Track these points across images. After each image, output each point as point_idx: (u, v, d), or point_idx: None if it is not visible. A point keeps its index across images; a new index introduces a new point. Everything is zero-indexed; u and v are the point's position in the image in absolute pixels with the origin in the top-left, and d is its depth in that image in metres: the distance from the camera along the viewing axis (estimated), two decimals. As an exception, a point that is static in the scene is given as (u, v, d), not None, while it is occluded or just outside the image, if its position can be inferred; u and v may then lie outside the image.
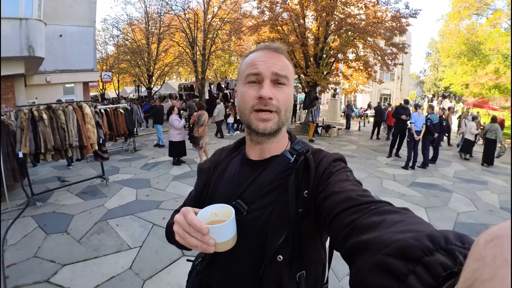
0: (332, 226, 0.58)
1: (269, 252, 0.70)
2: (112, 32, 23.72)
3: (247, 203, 0.77)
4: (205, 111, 7.13)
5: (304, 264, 0.74)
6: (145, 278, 2.89)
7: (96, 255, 3.27)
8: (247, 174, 0.83)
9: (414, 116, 7.83)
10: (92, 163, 7.11)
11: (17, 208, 4.53)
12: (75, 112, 4.98)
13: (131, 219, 4.25)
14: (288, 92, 0.79)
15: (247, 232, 0.73)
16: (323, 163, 0.75)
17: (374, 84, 25.15)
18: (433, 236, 0.35)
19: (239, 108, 0.82)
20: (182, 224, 0.63)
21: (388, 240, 0.39)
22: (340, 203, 0.58)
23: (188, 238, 0.62)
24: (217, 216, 0.71)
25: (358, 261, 0.43)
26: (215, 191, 0.87)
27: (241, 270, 0.78)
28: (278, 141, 0.83)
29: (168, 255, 3.28)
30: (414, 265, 0.33)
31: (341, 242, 0.52)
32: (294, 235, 0.71)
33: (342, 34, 12.29)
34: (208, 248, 0.62)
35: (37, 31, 7.71)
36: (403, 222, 0.44)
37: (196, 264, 0.97)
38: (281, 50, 0.80)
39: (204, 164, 0.97)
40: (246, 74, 0.78)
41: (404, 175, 7.15)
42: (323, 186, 0.69)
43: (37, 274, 2.90)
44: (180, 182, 5.99)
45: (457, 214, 4.79)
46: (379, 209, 0.51)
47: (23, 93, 10.14)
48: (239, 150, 0.95)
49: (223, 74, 24.55)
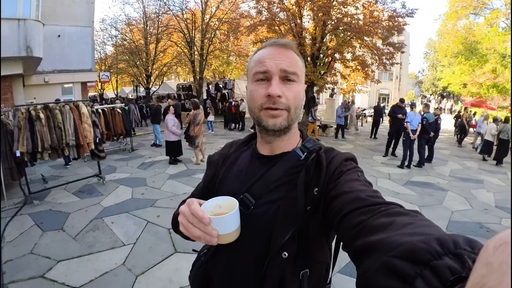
0: (340, 226, 0.57)
1: (274, 248, 0.70)
2: (110, 32, 23.76)
3: (254, 198, 0.76)
4: (200, 110, 7.18)
5: (308, 263, 0.73)
6: (138, 273, 2.95)
7: (90, 252, 3.33)
8: (256, 168, 0.83)
9: (410, 115, 7.84)
10: (89, 162, 7.15)
11: (14, 207, 4.58)
12: (71, 111, 5.03)
13: (126, 216, 4.30)
14: (297, 89, 0.77)
15: (253, 226, 0.73)
16: (334, 161, 0.74)
17: (373, 84, 25.17)
18: (442, 240, 0.35)
19: (248, 107, 0.81)
20: (186, 214, 0.63)
21: (397, 242, 0.39)
22: (350, 203, 0.58)
23: (191, 229, 0.62)
24: (221, 208, 0.71)
25: (366, 262, 0.44)
26: (223, 184, 0.87)
27: (244, 264, 0.78)
28: (289, 139, 0.83)
29: (160, 252, 3.35)
30: (422, 268, 0.33)
31: (349, 243, 0.52)
32: (301, 233, 0.70)
33: (339, 34, 12.30)
34: (211, 239, 0.62)
35: (35, 32, 7.76)
36: (413, 224, 0.44)
37: (201, 255, 0.97)
38: (290, 46, 0.79)
39: (214, 157, 0.97)
40: (254, 72, 0.78)
41: (399, 174, 7.18)
42: (333, 184, 0.69)
43: (33, 270, 2.96)
44: (175, 181, 6.04)
45: (451, 213, 4.81)
46: (388, 211, 0.51)
47: (21, 93, 10.19)
48: (250, 144, 0.94)
49: (221, 74, 24.57)
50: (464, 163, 8.86)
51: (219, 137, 12.12)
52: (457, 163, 8.89)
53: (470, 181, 6.82)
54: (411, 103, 11.00)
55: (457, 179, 6.92)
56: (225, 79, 21.26)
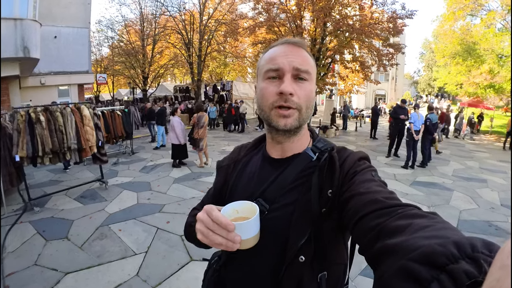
0: (356, 228, 0.56)
1: (290, 252, 0.68)
2: (107, 34, 23.50)
3: (268, 202, 0.75)
4: (204, 112, 7.06)
5: (326, 265, 0.71)
6: (154, 285, 2.79)
7: (100, 262, 3.16)
8: (268, 172, 0.81)
9: (413, 116, 7.89)
10: (90, 166, 6.96)
11: (14, 214, 4.39)
12: (73, 114, 4.86)
13: (133, 223, 4.13)
14: (309, 88, 0.75)
15: (268, 231, 0.71)
16: (348, 161, 0.72)
17: (369, 85, 25.31)
18: (459, 243, 0.34)
19: (258, 105, 0.78)
20: (206, 222, 0.61)
21: (414, 245, 0.38)
22: (366, 205, 0.56)
23: (212, 236, 0.60)
24: (239, 213, 0.70)
25: (383, 265, 0.43)
26: (235, 189, 0.85)
27: (260, 270, 0.75)
28: (299, 139, 0.81)
29: (176, 260, 3.19)
30: (438, 273, 0.32)
31: (366, 246, 0.51)
32: (316, 235, 0.69)
33: (339, 35, 12.34)
34: (233, 246, 0.60)
35: (32, 32, 7.57)
36: (431, 227, 0.43)
37: (212, 263, 0.95)
38: (301, 44, 0.77)
39: (223, 162, 0.95)
40: (265, 69, 0.75)
41: (404, 174, 7.18)
42: (347, 185, 0.67)
43: (39, 284, 2.78)
44: (181, 185, 5.89)
45: (460, 212, 4.82)
46: (405, 213, 0.50)
47: (17, 95, 9.98)
48: (259, 148, 0.92)
49: (219, 75, 24.43)
50: (466, 163, 8.90)
51: (219, 139, 12.02)
52: (459, 162, 8.93)
53: (474, 180, 6.86)
54: (414, 104, 11.03)
55: (461, 179, 6.94)
56: (223, 81, 21.17)
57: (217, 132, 13.92)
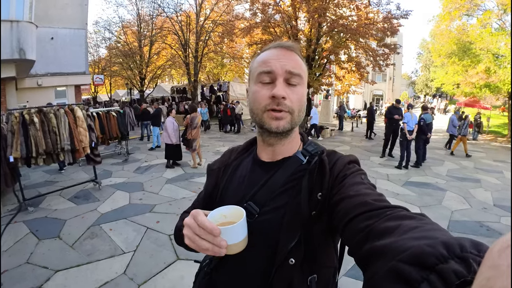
0: (346, 230, 0.57)
1: (280, 255, 0.69)
2: (104, 35, 23.54)
3: (258, 205, 0.75)
4: (198, 113, 7.12)
5: (315, 268, 0.72)
6: (140, 283, 2.86)
7: (89, 260, 3.22)
8: (258, 176, 0.81)
9: (406, 116, 7.92)
10: (84, 167, 7.01)
11: (8, 214, 4.45)
12: (66, 115, 4.91)
13: (124, 223, 4.20)
14: (301, 92, 0.76)
15: (258, 234, 0.72)
16: (337, 165, 0.73)
17: (367, 85, 25.36)
18: (448, 244, 0.35)
19: (251, 109, 0.79)
20: (192, 226, 0.61)
21: (403, 247, 0.39)
22: (355, 207, 0.57)
23: (199, 241, 0.60)
24: (226, 218, 0.69)
25: (373, 267, 0.43)
26: (226, 193, 0.86)
27: (250, 273, 0.76)
28: (290, 142, 0.81)
29: (163, 259, 3.26)
30: (428, 273, 0.33)
31: (355, 248, 0.52)
32: (306, 238, 0.69)
33: (334, 36, 12.36)
34: (219, 251, 0.60)
35: (28, 34, 7.62)
36: (419, 228, 0.43)
37: (204, 265, 0.95)
38: (294, 48, 0.78)
39: (214, 165, 0.95)
40: (258, 72, 0.76)
41: (397, 174, 7.20)
42: (337, 188, 0.68)
43: (30, 281, 2.85)
44: (173, 185, 5.95)
45: (451, 212, 4.82)
46: (394, 215, 0.51)
47: (14, 97, 10.02)
48: (250, 151, 0.93)
49: (216, 76, 24.50)
50: (460, 163, 8.91)
51: (214, 140, 12.06)
52: (454, 162, 8.94)
53: (468, 180, 6.86)
54: (408, 104, 11.06)
55: (455, 179, 6.95)
56: (220, 81, 21.22)
57: (212, 133, 13.97)
